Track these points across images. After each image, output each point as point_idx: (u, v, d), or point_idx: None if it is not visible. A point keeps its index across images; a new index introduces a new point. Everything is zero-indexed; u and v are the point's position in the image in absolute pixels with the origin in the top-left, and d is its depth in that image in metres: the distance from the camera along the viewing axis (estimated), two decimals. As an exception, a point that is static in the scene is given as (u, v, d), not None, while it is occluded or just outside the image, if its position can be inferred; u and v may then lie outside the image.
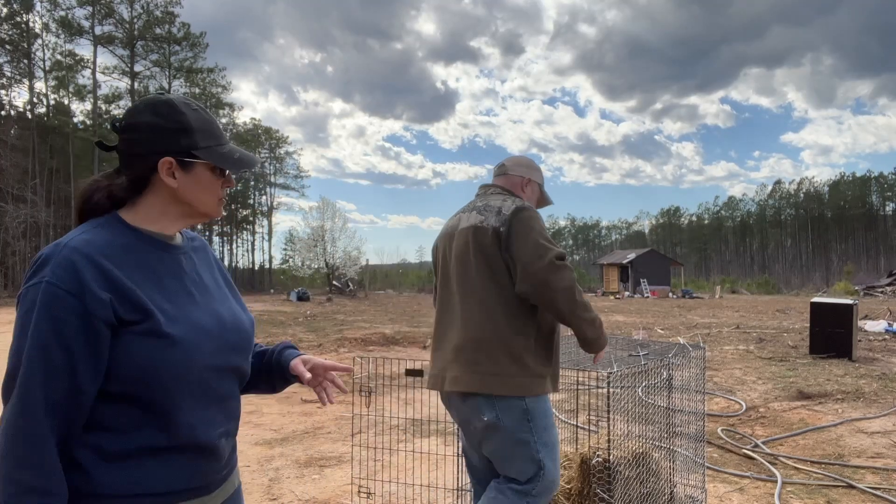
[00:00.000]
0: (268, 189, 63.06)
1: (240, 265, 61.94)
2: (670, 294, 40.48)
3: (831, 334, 9.40)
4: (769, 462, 4.51)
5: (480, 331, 2.18)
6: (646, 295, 39.76)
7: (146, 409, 1.16)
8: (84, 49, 68.27)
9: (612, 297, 37.92)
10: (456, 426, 2.57)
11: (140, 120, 1.23)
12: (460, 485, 3.22)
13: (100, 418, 1.15)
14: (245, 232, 64.16)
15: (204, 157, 1.24)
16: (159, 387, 1.16)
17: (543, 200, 2.61)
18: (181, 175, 1.24)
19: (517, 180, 2.48)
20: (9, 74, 38.19)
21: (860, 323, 12.45)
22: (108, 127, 1.25)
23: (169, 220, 1.29)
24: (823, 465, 4.46)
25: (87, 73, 41.35)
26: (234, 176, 1.33)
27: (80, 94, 41.75)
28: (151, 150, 1.22)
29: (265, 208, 63.69)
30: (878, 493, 3.87)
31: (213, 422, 1.25)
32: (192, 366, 1.19)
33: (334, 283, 42.72)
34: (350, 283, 42.28)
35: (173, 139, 1.22)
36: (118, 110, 44.05)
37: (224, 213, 1.38)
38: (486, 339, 2.17)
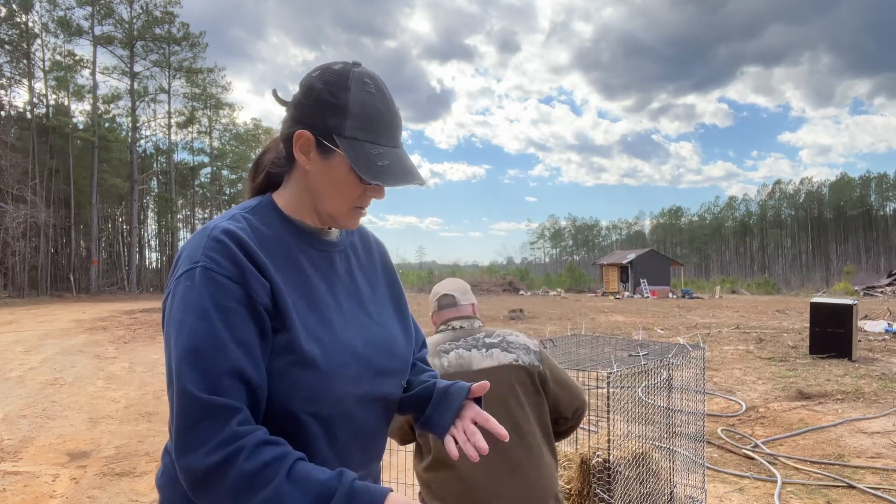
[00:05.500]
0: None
1: (240, 265, 61.82)
2: (670, 294, 40.47)
3: (831, 334, 9.41)
4: (769, 462, 4.50)
5: (551, 478, 2.12)
6: (646, 295, 39.74)
7: None
8: (83, 49, 68.39)
9: (611, 298, 37.92)
10: None
11: (310, 81, 1.03)
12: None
13: None
14: (245, 232, 64.02)
15: (341, 148, 0.98)
16: (289, 415, 0.97)
17: None
18: (316, 158, 1.02)
19: (470, 308, 2.30)
20: (8, 75, 38.17)
21: (860, 323, 12.45)
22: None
23: (306, 211, 1.07)
24: (823, 465, 4.45)
25: (87, 73, 41.38)
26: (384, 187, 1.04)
27: (79, 94, 41.72)
28: (299, 116, 1.02)
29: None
30: (878, 493, 3.87)
31: (353, 465, 1.03)
32: (329, 393, 0.99)
33: (334, 283, 42.64)
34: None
35: (321, 114, 1.00)
36: (118, 110, 44.07)
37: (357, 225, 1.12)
38: (554, 483, 2.13)
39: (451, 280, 2.34)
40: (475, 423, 1.11)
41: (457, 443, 1.09)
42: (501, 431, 1.07)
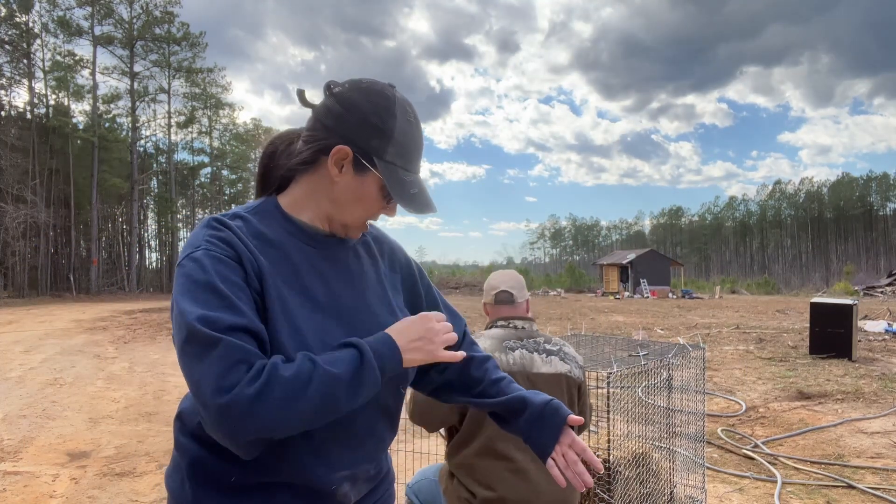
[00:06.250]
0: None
1: (239, 265, 61.79)
2: (670, 294, 40.46)
3: (831, 334, 9.41)
4: (769, 462, 4.50)
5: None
6: (646, 295, 39.74)
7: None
8: (83, 49, 68.34)
9: (611, 298, 37.91)
10: None
11: (352, 96, 1.08)
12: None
13: (206, 441, 1.04)
14: (245, 232, 63.93)
15: (381, 171, 1.06)
16: None
17: None
18: (349, 173, 1.07)
19: (525, 306, 2.35)
20: (8, 75, 38.15)
21: (860, 323, 12.45)
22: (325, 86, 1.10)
23: (312, 214, 1.12)
24: (823, 466, 4.45)
25: (87, 73, 41.34)
26: (398, 208, 1.14)
27: (79, 94, 41.68)
28: (339, 129, 1.07)
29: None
30: (878, 493, 3.87)
31: (333, 463, 1.07)
32: None
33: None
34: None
35: (365, 134, 1.06)
36: (118, 110, 44.03)
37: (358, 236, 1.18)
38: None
39: (507, 275, 2.36)
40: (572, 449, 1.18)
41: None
42: (598, 466, 1.14)
